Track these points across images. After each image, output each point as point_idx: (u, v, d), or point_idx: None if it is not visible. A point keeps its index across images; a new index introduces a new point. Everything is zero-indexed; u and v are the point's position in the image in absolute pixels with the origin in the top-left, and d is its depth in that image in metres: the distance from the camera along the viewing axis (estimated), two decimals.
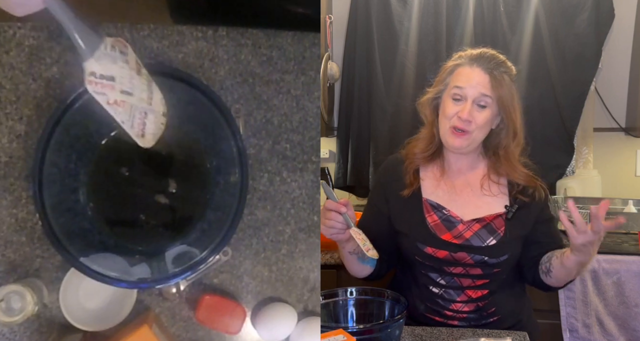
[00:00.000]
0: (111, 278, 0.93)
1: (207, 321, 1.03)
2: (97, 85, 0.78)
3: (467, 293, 1.24)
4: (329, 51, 2.34)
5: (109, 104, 0.80)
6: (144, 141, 0.84)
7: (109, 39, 0.79)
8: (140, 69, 0.82)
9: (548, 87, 2.18)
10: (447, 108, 1.21)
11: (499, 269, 1.23)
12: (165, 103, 0.86)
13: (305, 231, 1.08)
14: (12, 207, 1.00)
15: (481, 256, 1.20)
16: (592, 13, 2.12)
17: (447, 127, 1.21)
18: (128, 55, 0.81)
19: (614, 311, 1.74)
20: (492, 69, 1.19)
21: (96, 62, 0.77)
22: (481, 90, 1.18)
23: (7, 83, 1.00)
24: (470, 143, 1.21)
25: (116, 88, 0.80)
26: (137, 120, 0.82)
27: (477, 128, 1.19)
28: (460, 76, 1.21)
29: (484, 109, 1.19)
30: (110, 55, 0.78)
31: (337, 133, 2.41)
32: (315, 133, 1.08)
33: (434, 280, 1.25)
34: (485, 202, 1.26)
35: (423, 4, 2.24)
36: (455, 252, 1.21)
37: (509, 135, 1.23)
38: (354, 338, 0.92)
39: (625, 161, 2.29)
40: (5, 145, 1.00)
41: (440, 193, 1.28)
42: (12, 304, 0.94)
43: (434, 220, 1.25)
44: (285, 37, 1.06)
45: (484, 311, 1.24)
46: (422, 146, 1.29)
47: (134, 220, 1.00)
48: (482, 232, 1.22)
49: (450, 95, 1.21)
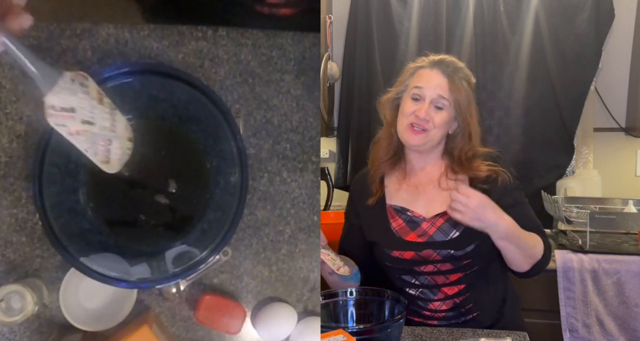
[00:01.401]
0: (111, 278, 0.93)
1: (207, 321, 1.03)
2: (57, 117, 0.81)
3: (444, 291, 1.25)
4: (329, 51, 2.34)
5: (70, 134, 0.82)
6: (108, 167, 0.87)
7: (68, 73, 0.82)
8: (102, 99, 0.85)
9: (548, 87, 2.18)
10: (406, 106, 1.25)
11: (469, 260, 1.23)
12: (130, 129, 0.88)
13: (305, 231, 1.08)
14: (12, 207, 1.00)
15: (447, 251, 1.22)
16: (592, 13, 2.12)
17: (404, 125, 1.25)
18: (89, 87, 0.83)
19: (614, 311, 1.74)
20: (451, 73, 1.24)
21: (55, 95, 0.80)
22: (439, 92, 1.23)
23: (7, 83, 1.00)
24: (427, 142, 1.25)
25: (77, 119, 0.82)
26: (100, 148, 0.85)
27: (435, 128, 1.24)
28: (421, 78, 1.26)
29: (440, 111, 1.24)
30: (69, 88, 0.81)
31: (337, 133, 2.41)
32: (315, 133, 1.08)
33: (408, 282, 1.27)
34: (447, 196, 1.24)
35: (423, 4, 2.24)
36: (421, 250, 1.23)
37: (464, 138, 1.28)
38: (354, 338, 0.92)
39: (625, 161, 2.29)
40: (5, 145, 1.00)
41: (404, 195, 1.31)
42: (12, 304, 0.94)
43: (399, 224, 1.28)
44: (285, 37, 1.06)
45: (461, 308, 1.25)
46: (383, 150, 1.33)
47: (134, 220, 1.00)
48: (445, 226, 1.24)
49: (410, 95, 1.26)
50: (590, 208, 1.98)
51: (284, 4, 1.00)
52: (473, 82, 1.29)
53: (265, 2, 0.99)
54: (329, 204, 2.21)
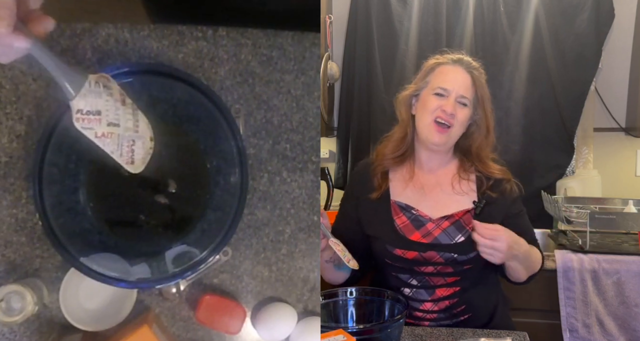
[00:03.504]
0: (111, 278, 0.93)
1: (207, 321, 1.03)
2: (84, 120, 0.82)
3: (438, 292, 1.24)
4: (329, 51, 2.34)
5: (97, 137, 0.83)
6: (133, 167, 0.88)
7: (92, 75, 0.82)
8: (124, 99, 0.86)
9: (548, 87, 2.18)
10: (430, 102, 1.24)
11: (470, 265, 1.23)
12: (150, 128, 0.89)
13: (305, 231, 1.08)
14: (12, 207, 1.00)
15: (450, 254, 1.21)
16: (592, 13, 2.12)
17: (428, 121, 1.23)
18: (112, 89, 0.84)
19: (614, 311, 1.74)
20: (472, 70, 1.25)
21: (81, 100, 0.81)
22: (464, 88, 1.23)
23: (7, 83, 1.00)
24: (449, 140, 1.25)
25: (103, 122, 0.83)
26: (125, 149, 0.86)
27: (458, 124, 1.23)
28: (445, 74, 1.25)
29: (464, 107, 1.23)
30: (94, 91, 0.82)
31: (337, 133, 2.42)
32: (315, 133, 1.08)
33: (404, 281, 1.26)
34: (454, 200, 1.27)
35: (423, 4, 2.24)
36: (425, 251, 1.22)
37: (482, 134, 1.27)
38: (354, 338, 0.92)
39: (625, 161, 2.29)
40: (5, 145, 1.00)
41: (410, 194, 1.29)
42: (12, 304, 0.94)
43: (403, 221, 1.26)
44: (285, 37, 1.06)
45: (453, 309, 1.24)
46: (393, 146, 1.31)
47: (134, 220, 1.00)
48: (451, 229, 1.23)
49: (432, 91, 1.24)
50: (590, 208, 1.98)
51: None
52: (486, 79, 1.30)
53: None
54: (329, 204, 2.21)
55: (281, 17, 1.04)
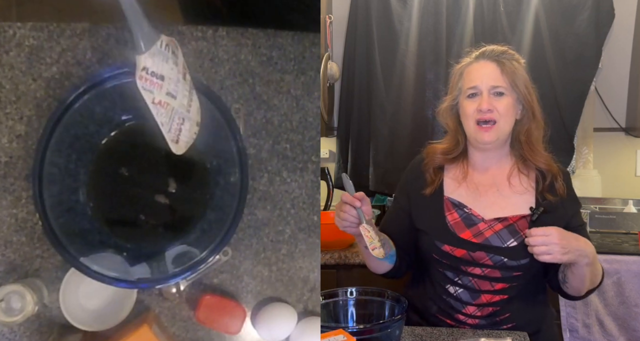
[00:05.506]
0: (111, 278, 0.93)
1: (207, 321, 1.03)
2: (147, 81, 0.79)
3: (483, 298, 1.20)
4: (329, 51, 2.34)
5: (153, 103, 0.80)
6: (177, 147, 0.85)
7: (165, 37, 0.79)
8: (186, 74, 0.83)
9: (548, 87, 2.18)
10: (467, 107, 1.22)
11: (520, 273, 1.19)
12: (200, 113, 0.86)
13: (305, 231, 1.08)
14: (12, 207, 1.00)
15: (500, 258, 1.18)
16: (592, 13, 2.12)
17: (472, 125, 1.22)
18: (178, 58, 0.81)
19: (614, 311, 1.74)
20: (497, 57, 1.22)
21: (150, 57, 0.78)
22: (493, 79, 1.20)
23: (7, 83, 1.00)
24: (499, 136, 1.21)
25: (163, 89, 0.80)
26: (174, 125, 0.83)
27: (501, 117, 1.19)
28: (470, 74, 1.23)
29: (501, 96, 1.20)
30: (163, 53, 0.79)
31: (337, 133, 2.41)
32: (315, 133, 1.08)
33: (450, 278, 1.23)
34: (510, 203, 1.24)
35: (423, 4, 2.24)
36: (474, 251, 1.19)
37: (529, 118, 1.23)
38: (354, 338, 0.92)
39: (625, 161, 2.29)
40: (5, 145, 1.00)
41: (463, 193, 1.27)
42: (12, 304, 0.94)
43: (454, 218, 1.24)
44: (285, 37, 1.06)
45: (496, 317, 1.21)
46: (447, 148, 1.30)
47: (134, 220, 1.00)
48: (504, 232, 1.20)
49: (465, 95, 1.23)
50: (590, 208, 1.98)
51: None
52: (522, 61, 1.26)
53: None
54: (329, 204, 2.21)
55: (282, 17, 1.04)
